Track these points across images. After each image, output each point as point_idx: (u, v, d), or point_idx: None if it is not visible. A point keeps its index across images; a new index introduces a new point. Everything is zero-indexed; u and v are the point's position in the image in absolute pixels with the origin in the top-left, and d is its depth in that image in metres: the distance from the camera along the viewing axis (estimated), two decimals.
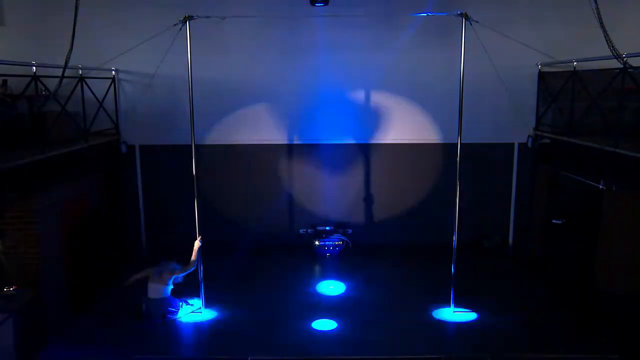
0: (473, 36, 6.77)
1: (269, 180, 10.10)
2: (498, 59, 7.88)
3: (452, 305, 7.27)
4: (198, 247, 7.29)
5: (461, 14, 6.72)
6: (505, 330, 6.82)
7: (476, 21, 6.69)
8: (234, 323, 7.11)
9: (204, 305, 7.39)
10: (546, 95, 9.38)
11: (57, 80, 6.66)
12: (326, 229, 10.03)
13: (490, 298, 7.71)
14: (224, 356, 6.27)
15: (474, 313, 7.26)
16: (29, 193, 7.18)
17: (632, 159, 6.41)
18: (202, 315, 7.26)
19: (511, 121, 9.50)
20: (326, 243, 9.84)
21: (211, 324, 7.07)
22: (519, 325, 6.94)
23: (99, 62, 8.12)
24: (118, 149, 9.74)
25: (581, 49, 8.00)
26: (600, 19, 5.87)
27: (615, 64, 6.43)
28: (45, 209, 7.41)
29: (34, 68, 7.21)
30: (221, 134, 9.85)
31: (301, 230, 10.13)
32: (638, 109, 7.54)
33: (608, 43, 5.90)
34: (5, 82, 7.88)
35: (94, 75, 8.83)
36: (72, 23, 6.13)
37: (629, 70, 6.69)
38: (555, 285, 8.36)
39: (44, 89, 7.41)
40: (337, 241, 9.87)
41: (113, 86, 9.52)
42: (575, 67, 8.21)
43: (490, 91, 9.06)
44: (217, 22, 7.24)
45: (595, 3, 5.88)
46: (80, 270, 8.34)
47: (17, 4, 9.32)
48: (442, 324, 7.03)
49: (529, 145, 9.74)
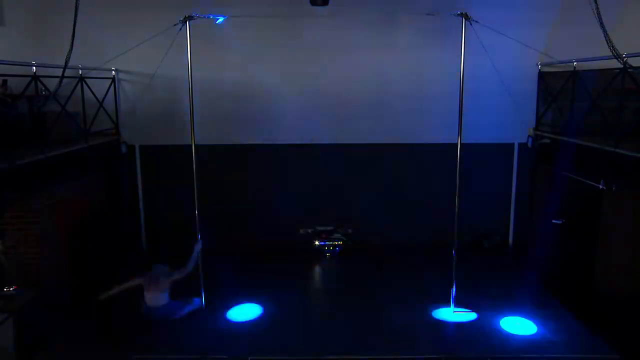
0: (473, 36, 6.77)
1: (270, 180, 10.10)
2: (498, 59, 7.87)
3: (452, 305, 7.27)
4: (197, 249, 7.28)
5: (461, 14, 6.72)
6: (505, 331, 6.83)
7: (476, 21, 6.69)
8: (233, 323, 7.11)
9: (204, 305, 7.40)
10: (546, 95, 9.38)
11: (57, 80, 6.65)
12: (326, 229, 10.04)
13: (490, 298, 7.72)
14: (224, 356, 6.28)
15: (474, 313, 7.27)
16: (29, 193, 7.18)
17: (632, 159, 6.41)
18: (202, 315, 7.26)
19: (511, 121, 9.50)
20: (326, 243, 9.84)
21: (212, 324, 7.07)
22: (519, 325, 6.95)
23: (99, 62, 8.11)
24: (118, 149, 9.74)
25: (581, 49, 7.99)
26: (600, 19, 5.86)
27: (615, 64, 6.43)
28: (45, 209, 7.41)
29: (34, 68, 7.21)
30: (221, 134, 9.84)
31: (301, 230, 10.14)
32: (638, 109, 7.54)
33: (608, 43, 5.89)
34: (5, 82, 7.87)
35: (94, 75, 8.82)
36: (72, 23, 6.12)
37: (629, 70, 6.70)
38: (555, 285, 8.36)
39: (44, 89, 7.41)
40: (337, 241, 9.87)
41: (113, 86, 9.51)
42: (575, 67, 8.21)
43: (490, 91, 9.03)
44: (217, 22, 7.24)
45: (595, 3, 5.87)
46: (80, 270, 8.34)
47: (17, 4, 9.30)
48: (442, 324, 7.03)
49: (529, 145, 9.74)
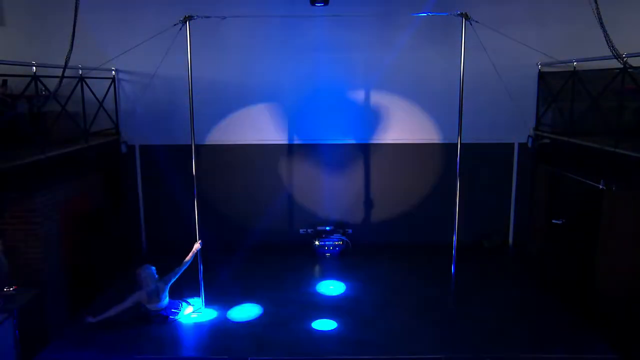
0: (473, 36, 6.77)
1: (269, 180, 10.10)
2: (498, 59, 7.88)
3: (451, 305, 7.27)
4: (196, 249, 7.28)
5: (461, 14, 6.72)
6: (505, 330, 6.83)
7: (476, 21, 6.69)
8: (234, 323, 7.12)
9: (204, 305, 7.41)
10: (546, 95, 9.38)
11: (57, 80, 6.66)
12: (326, 229, 10.03)
13: (490, 298, 7.72)
14: (224, 356, 6.28)
15: (472, 313, 7.26)
16: (29, 193, 7.18)
17: (632, 159, 6.40)
18: (202, 315, 7.26)
19: (511, 121, 9.49)
20: (326, 243, 9.83)
21: (211, 324, 7.07)
22: (518, 325, 6.95)
23: (99, 62, 8.10)
24: (118, 149, 9.74)
25: (581, 49, 7.99)
26: (600, 19, 5.87)
27: (615, 64, 6.43)
28: (45, 209, 7.41)
29: (34, 68, 7.19)
30: (221, 134, 9.84)
31: (301, 230, 10.13)
32: (638, 109, 7.54)
33: (608, 43, 5.89)
34: (5, 82, 7.87)
35: (94, 75, 8.82)
36: (72, 23, 6.13)
37: (629, 70, 6.69)
38: (555, 285, 8.36)
39: (44, 89, 7.40)
40: (337, 241, 9.87)
41: (113, 86, 9.51)
42: (575, 67, 8.21)
43: (490, 91, 9.05)
44: (217, 22, 7.24)
45: (595, 3, 5.87)
46: (81, 270, 8.34)
47: (17, 4, 9.32)
48: (442, 324, 7.03)
49: (529, 145, 9.74)
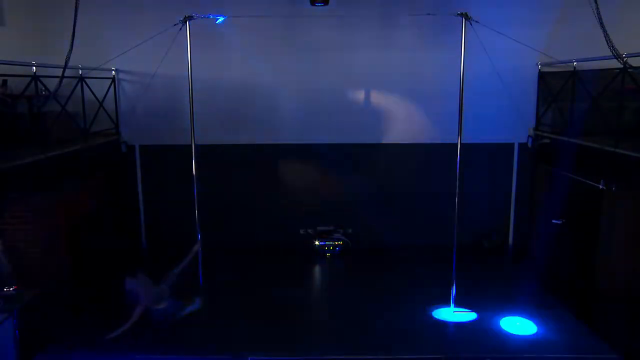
0: (473, 36, 6.77)
1: (269, 180, 10.10)
2: (498, 59, 7.88)
3: (452, 305, 7.27)
4: (196, 250, 7.27)
5: (461, 14, 6.72)
6: (504, 330, 6.83)
7: (476, 21, 6.70)
8: (233, 322, 7.11)
9: (203, 304, 7.39)
10: (546, 95, 9.38)
11: (57, 80, 6.66)
12: (326, 229, 10.04)
13: (490, 298, 7.72)
14: (224, 356, 6.28)
15: (474, 313, 7.27)
16: (29, 193, 7.18)
17: (632, 159, 6.40)
18: (202, 315, 7.25)
19: (511, 121, 9.49)
20: (326, 243, 9.84)
21: (211, 324, 7.07)
22: (519, 325, 6.94)
23: (99, 62, 8.11)
24: (118, 149, 9.74)
25: (581, 49, 7.99)
26: (600, 19, 5.86)
27: (615, 64, 6.43)
28: (45, 209, 7.40)
29: (34, 68, 7.20)
30: (221, 134, 9.84)
31: (301, 230, 10.14)
32: (638, 109, 7.54)
33: (608, 43, 5.89)
34: (5, 82, 7.86)
35: (94, 75, 8.82)
36: (72, 23, 6.13)
37: (629, 70, 6.69)
38: (555, 285, 8.35)
39: (44, 89, 7.40)
40: (337, 241, 9.87)
41: (113, 86, 9.51)
42: (575, 67, 8.21)
43: (490, 91, 9.03)
44: (217, 22, 7.25)
45: (595, 3, 5.87)
46: (81, 270, 8.33)
47: (17, 4, 9.30)
48: (442, 324, 7.03)
49: (529, 145, 9.74)
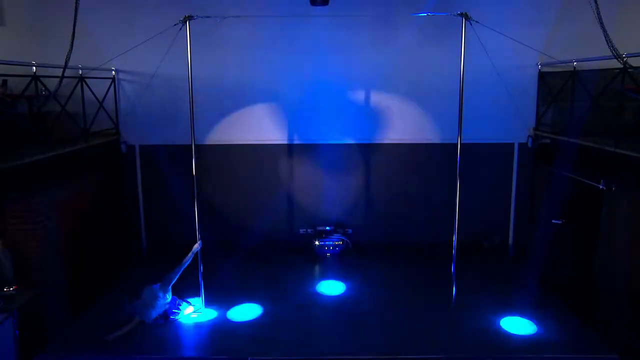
0: (473, 36, 6.76)
1: (269, 180, 10.09)
2: (498, 59, 7.89)
3: (453, 305, 7.27)
4: (195, 249, 7.27)
5: (461, 14, 6.72)
6: (504, 330, 6.83)
7: (476, 21, 6.69)
8: (233, 323, 7.12)
9: (204, 305, 7.40)
10: (546, 95, 9.38)
11: (57, 80, 6.66)
12: (326, 229, 10.03)
13: (490, 298, 7.72)
14: (224, 356, 6.28)
15: (474, 313, 7.26)
16: (29, 193, 7.18)
17: (632, 159, 6.41)
18: (202, 315, 7.26)
19: (511, 121, 9.50)
20: (326, 243, 9.83)
21: (211, 324, 7.07)
22: (519, 325, 6.95)
23: (99, 62, 8.11)
24: (118, 149, 9.74)
25: (581, 49, 8.00)
26: (600, 19, 5.87)
27: (615, 64, 6.43)
28: (45, 209, 7.41)
29: (34, 68, 7.20)
30: (221, 134, 9.84)
31: (301, 230, 10.13)
32: (638, 108, 7.54)
33: (608, 43, 5.89)
34: (5, 82, 7.87)
35: (94, 75, 8.82)
36: (72, 23, 6.14)
37: (629, 70, 6.70)
38: (555, 285, 8.35)
39: (44, 89, 7.40)
40: (337, 241, 9.87)
41: (113, 86, 9.51)
42: (575, 67, 8.21)
43: (490, 91, 9.05)
44: (217, 22, 7.25)
45: (595, 3, 5.87)
46: (80, 270, 8.34)
47: (17, 4, 9.31)
48: (442, 324, 7.03)
49: (529, 145, 9.74)
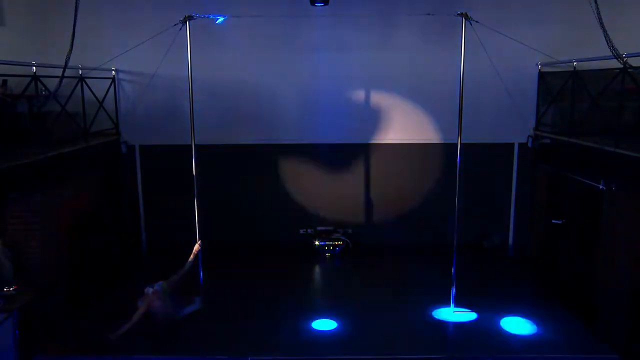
0: (473, 36, 6.77)
1: (269, 180, 10.10)
2: (498, 59, 7.89)
3: (452, 305, 7.27)
4: (197, 250, 7.27)
5: (461, 14, 6.72)
6: (504, 330, 6.83)
7: (476, 21, 6.69)
8: (234, 323, 7.11)
9: (203, 304, 7.39)
10: (546, 95, 9.38)
11: (57, 80, 6.65)
12: (326, 229, 10.04)
13: (490, 298, 7.72)
14: (224, 356, 6.28)
15: (474, 313, 7.27)
16: (29, 193, 7.18)
17: (632, 159, 6.40)
18: (202, 315, 7.25)
19: (511, 121, 9.50)
20: (326, 243, 9.84)
21: (211, 324, 7.07)
22: (519, 325, 6.94)
23: (99, 62, 8.11)
24: (118, 149, 9.74)
25: (581, 49, 8.00)
26: (600, 19, 5.86)
27: (615, 64, 6.43)
28: (45, 209, 7.40)
29: (34, 68, 7.19)
30: (221, 134, 9.84)
31: (301, 230, 10.14)
32: (638, 108, 7.54)
33: (608, 43, 5.89)
34: (5, 82, 7.87)
35: (94, 75, 8.82)
36: (72, 23, 6.13)
37: (629, 70, 6.69)
38: (555, 285, 8.36)
39: (44, 89, 7.40)
40: (337, 241, 9.87)
41: (113, 86, 9.52)
42: (575, 67, 8.21)
43: (490, 91, 9.05)
44: (217, 22, 7.25)
45: (595, 3, 5.87)
46: (80, 270, 8.33)
47: (17, 4, 9.31)
48: (442, 324, 7.03)
49: (529, 145, 9.74)
